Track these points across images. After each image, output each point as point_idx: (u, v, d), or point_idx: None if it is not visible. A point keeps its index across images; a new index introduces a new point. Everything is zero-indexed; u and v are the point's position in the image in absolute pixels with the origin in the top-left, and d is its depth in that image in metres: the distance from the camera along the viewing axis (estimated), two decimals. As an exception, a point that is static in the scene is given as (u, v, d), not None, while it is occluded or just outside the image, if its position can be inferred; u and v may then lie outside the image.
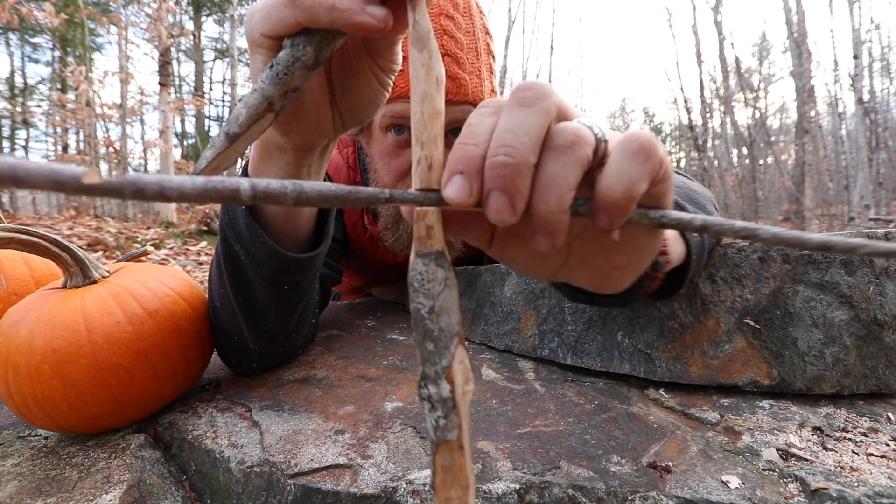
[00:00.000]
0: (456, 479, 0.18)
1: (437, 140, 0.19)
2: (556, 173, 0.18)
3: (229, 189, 0.15)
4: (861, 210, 6.38)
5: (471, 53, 0.56)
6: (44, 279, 0.57)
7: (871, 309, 0.39)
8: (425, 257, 0.20)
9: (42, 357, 0.35)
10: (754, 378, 0.41)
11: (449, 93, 0.54)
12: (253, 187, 0.15)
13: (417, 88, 0.20)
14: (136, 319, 0.39)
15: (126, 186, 0.14)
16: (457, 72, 0.54)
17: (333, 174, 0.67)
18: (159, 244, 3.47)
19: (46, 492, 0.32)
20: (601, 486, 0.30)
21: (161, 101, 5.29)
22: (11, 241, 0.37)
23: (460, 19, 0.56)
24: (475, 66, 0.56)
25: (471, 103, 0.56)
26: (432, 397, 0.18)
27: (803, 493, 0.29)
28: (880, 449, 0.34)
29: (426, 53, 0.20)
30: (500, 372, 0.49)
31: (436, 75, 0.20)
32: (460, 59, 0.54)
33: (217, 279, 0.43)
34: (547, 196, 0.17)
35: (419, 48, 0.20)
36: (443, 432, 0.18)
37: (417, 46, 0.20)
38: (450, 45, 0.54)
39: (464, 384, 0.19)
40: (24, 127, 9.11)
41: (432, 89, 0.19)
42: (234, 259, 0.39)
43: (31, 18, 4.63)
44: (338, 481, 0.31)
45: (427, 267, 0.19)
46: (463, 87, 0.55)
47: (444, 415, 0.18)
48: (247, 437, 0.37)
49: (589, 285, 0.24)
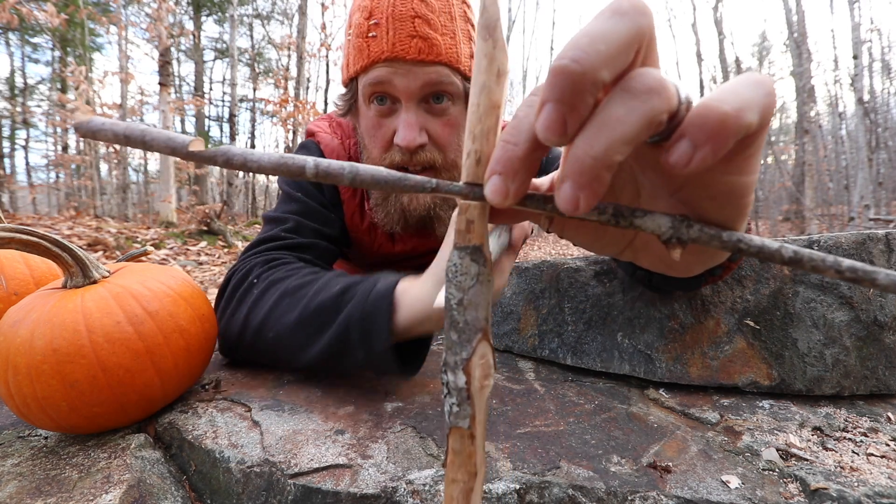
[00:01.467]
0: (464, 464, 0.19)
1: (489, 134, 0.18)
2: (617, 116, 0.14)
3: (297, 165, 0.17)
4: (861, 210, 6.38)
5: (443, 16, 0.56)
6: (44, 279, 0.57)
7: (871, 310, 0.40)
8: (462, 250, 0.20)
9: (42, 357, 0.35)
10: (754, 379, 0.41)
11: (420, 52, 0.53)
12: (316, 165, 0.17)
13: (478, 79, 0.18)
14: (136, 319, 0.39)
15: (219, 156, 0.17)
16: (427, 32, 0.54)
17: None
18: (159, 244, 3.47)
19: (46, 492, 0.32)
20: (601, 486, 0.30)
21: (161, 101, 5.29)
22: (12, 241, 0.37)
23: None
24: (448, 29, 0.56)
25: (445, 64, 0.55)
26: (449, 384, 0.19)
27: (803, 493, 0.29)
28: (880, 449, 0.34)
29: (491, 43, 0.18)
30: (500, 372, 0.49)
31: (498, 66, 0.18)
32: (431, 21, 0.54)
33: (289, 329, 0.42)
34: (594, 137, 0.14)
35: (485, 37, 0.18)
36: (455, 418, 0.19)
37: (483, 35, 0.19)
38: (420, 7, 0.54)
39: (482, 378, 0.19)
40: (24, 127, 9.11)
41: (492, 81, 0.18)
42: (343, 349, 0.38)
43: (32, 18, 4.63)
44: (338, 481, 0.31)
45: (462, 260, 0.20)
46: (435, 46, 0.54)
47: (458, 403, 0.19)
48: (247, 436, 0.37)
49: (654, 268, 0.23)
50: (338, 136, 0.69)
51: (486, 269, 0.20)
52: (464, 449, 0.19)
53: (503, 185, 0.17)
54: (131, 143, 0.17)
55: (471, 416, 0.19)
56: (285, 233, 0.58)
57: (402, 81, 0.54)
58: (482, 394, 0.20)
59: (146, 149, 0.17)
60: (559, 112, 0.14)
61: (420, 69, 0.54)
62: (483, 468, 0.20)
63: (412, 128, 0.55)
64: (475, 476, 0.19)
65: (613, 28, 0.14)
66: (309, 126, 0.72)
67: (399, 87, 0.55)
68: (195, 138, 0.17)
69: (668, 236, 0.18)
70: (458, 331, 0.19)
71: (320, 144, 0.68)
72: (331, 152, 0.67)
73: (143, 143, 0.17)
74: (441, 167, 0.60)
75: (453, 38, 0.56)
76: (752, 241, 0.17)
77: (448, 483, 0.19)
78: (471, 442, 0.19)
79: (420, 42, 0.53)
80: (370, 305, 0.35)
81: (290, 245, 0.57)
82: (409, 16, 0.54)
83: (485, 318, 0.19)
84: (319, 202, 0.64)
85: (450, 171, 0.61)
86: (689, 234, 0.17)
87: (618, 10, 0.15)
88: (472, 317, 0.19)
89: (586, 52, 0.14)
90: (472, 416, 0.19)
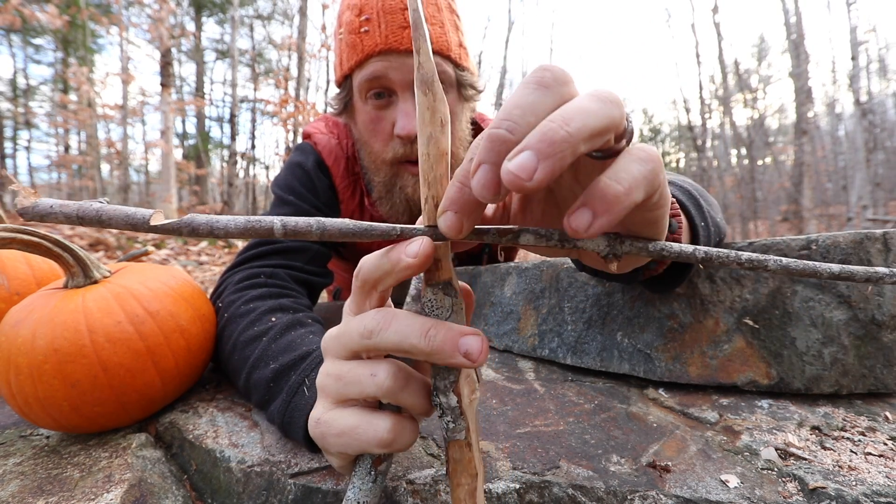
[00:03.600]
0: (465, 469, 0.21)
1: (442, 180, 0.21)
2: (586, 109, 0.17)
3: (265, 227, 0.18)
4: (859, 210, 6.38)
5: (431, 7, 0.57)
6: (45, 279, 0.57)
7: (869, 309, 0.40)
8: (434, 286, 0.22)
9: (44, 357, 0.36)
10: (753, 378, 0.41)
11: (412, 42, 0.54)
12: (284, 225, 0.18)
13: (424, 131, 0.20)
14: (137, 319, 0.39)
15: (183, 226, 0.17)
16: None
17: (332, 165, 0.67)
18: (160, 244, 3.47)
19: (48, 491, 0.32)
20: (601, 486, 0.30)
21: (162, 102, 5.30)
22: (13, 241, 0.37)
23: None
24: (437, 18, 0.57)
25: (436, 53, 0.56)
26: (443, 405, 0.21)
27: (802, 493, 0.29)
28: (878, 448, 0.34)
29: (430, 96, 0.20)
30: (500, 372, 0.49)
31: (440, 117, 0.20)
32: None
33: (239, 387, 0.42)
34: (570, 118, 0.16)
35: (424, 91, 0.20)
36: (452, 433, 0.21)
37: (423, 90, 0.21)
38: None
39: (470, 394, 0.22)
40: (26, 128, 9.13)
41: (437, 131, 0.20)
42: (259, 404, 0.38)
43: (34, 20, 4.64)
44: (338, 481, 0.31)
45: (436, 295, 0.22)
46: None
47: (453, 420, 0.21)
48: (247, 436, 0.37)
49: (596, 266, 0.25)
50: (335, 136, 0.69)
51: (459, 298, 0.22)
52: (463, 457, 0.21)
53: (458, 220, 0.19)
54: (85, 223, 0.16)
55: (465, 428, 0.21)
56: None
57: (398, 73, 0.55)
58: (472, 407, 0.22)
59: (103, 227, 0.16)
60: (494, 173, 0.17)
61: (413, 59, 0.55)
62: (482, 468, 0.22)
63: (410, 117, 0.55)
64: (476, 477, 0.21)
65: (541, 100, 0.18)
66: (305, 128, 0.72)
67: (395, 79, 0.55)
68: (155, 211, 0.17)
69: (605, 253, 0.21)
70: None
71: (317, 146, 0.68)
72: (328, 153, 0.67)
73: (99, 222, 0.16)
74: None
75: (442, 28, 0.57)
76: (672, 248, 0.21)
77: (454, 487, 0.21)
78: (468, 450, 0.21)
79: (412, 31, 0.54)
80: (289, 416, 0.34)
81: (280, 249, 0.57)
82: (399, 8, 0.55)
83: None
84: (312, 205, 0.64)
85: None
86: (622, 249, 0.21)
87: (542, 83, 0.18)
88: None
89: (518, 123, 0.17)
90: (467, 428, 0.21)
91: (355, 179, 0.68)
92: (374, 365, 0.23)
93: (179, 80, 10.62)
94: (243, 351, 0.42)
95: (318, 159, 0.67)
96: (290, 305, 0.48)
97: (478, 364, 0.20)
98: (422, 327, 0.21)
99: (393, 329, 0.21)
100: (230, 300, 0.49)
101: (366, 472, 0.23)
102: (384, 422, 0.22)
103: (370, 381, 0.22)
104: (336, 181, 0.67)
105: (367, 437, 0.22)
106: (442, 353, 0.21)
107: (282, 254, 0.57)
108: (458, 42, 0.59)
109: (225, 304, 0.49)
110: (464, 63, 0.60)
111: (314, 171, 0.66)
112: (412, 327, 0.21)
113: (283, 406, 0.35)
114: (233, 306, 0.48)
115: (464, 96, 0.62)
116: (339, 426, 0.23)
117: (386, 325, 0.22)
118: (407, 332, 0.21)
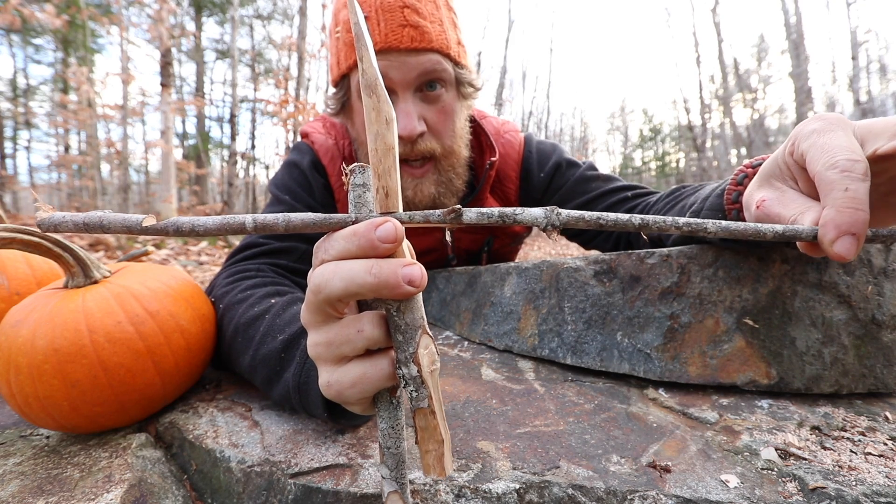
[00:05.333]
0: (432, 435, 0.23)
1: (391, 171, 0.23)
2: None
3: (238, 223, 0.21)
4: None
5: (430, 5, 0.57)
6: (45, 279, 0.57)
7: (869, 308, 0.40)
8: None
9: (44, 357, 0.36)
10: (753, 377, 0.41)
11: (413, 41, 0.54)
12: (254, 220, 0.21)
13: (371, 129, 0.23)
14: (137, 319, 0.39)
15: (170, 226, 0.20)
16: (417, 20, 0.54)
17: (328, 164, 0.67)
18: (160, 244, 3.47)
19: (48, 490, 0.32)
20: (601, 486, 0.30)
21: (162, 102, 5.30)
22: (13, 241, 0.37)
23: None
24: (436, 16, 0.57)
25: (436, 51, 0.56)
26: (405, 376, 0.23)
27: (802, 493, 0.29)
28: (878, 448, 0.34)
29: (375, 98, 0.23)
30: (500, 372, 0.49)
31: (385, 116, 0.23)
32: (419, 10, 0.55)
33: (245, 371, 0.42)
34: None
35: (369, 94, 0.23)
36: (416, 402, 0.23)
37: (367, 92, 0.23)
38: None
39: (430, 365, 0.23)
40: (26, 128, 9.13)
41: (383, 128, 0.23)
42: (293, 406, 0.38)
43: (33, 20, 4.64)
44: (338, 481, 0.31)
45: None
46: (426, 34, 0.55)
47: (416, 388, 0.23)
48: (247, 436, 0.37)
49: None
50: (332, 136, 0.69)
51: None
52: (429, 424, 0.23)
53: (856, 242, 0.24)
54: (90, 230, 0.20)
55: (428, 396, 0.23)
56: (263, 238, 0.59)
57: (398, 73, 0.55)
58: (433, 377, 0.23)
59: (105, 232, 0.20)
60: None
61: (414, 58, 0.54)
62: (447, 435, 0.24)
63: (410, 117, 0.55)
64: (443, 443, 0.23)
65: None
66: (303, 128, 0.73)
67: (395, 78, 0.55)
68: (147, 216, 0.20)
69: (543, 225, 0.22)
70: (402, 332, 0.23)
71: (314, 145, 0.68)
72: (325, 152, 0.67)
73: (101, 228, 0.19)
74: (440, 155, 0.60)
75: (441, 26, 0.57)
76: (608, 217, 0.23)
77: (423, 454, 0.23)
78: (433, 417, 0.23)
79: (412, 31, 0.54)
80: (304, 376, 0.35)
81: (267, 251, 0.58)
82: (398, 6, 0.54)
83: (421, 317, 0.24)
84: (307, 204, 0.64)
85: (448, 158, 0.61)
86: (559, 219, 0.22)
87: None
88: (411, 318, 0.23)
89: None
90: (429, 396, 0.23)
91: None
92: (357, 321, 0.24)
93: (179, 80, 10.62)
94: (247, 331, 0.42)
95: (314, 159, 0.67)
96: (286, 290, 0.49)
97: (420, 288, 0.22)
98: (364, 266, 0.22)
99: (339, 276, 0.23)
100: (224, 291, 0.49)
101: (387, 403, 0.25)
102: (384, 360, 0.24)
103: (359, 337, 0.24)
104: (332, 180, 0.67)
105: (376, 378, 0.24)
106: (388, 285, 0.22)
107: (268, 254, 0.58)
108: (457, 40, 0.59)
109: (219, 296, 0.49)
110: (462, 61, 0.60)
111: (310, 171, 0.66)
112: (355, 269, 0.22)
113: (298, 369, 0.36)
114: (228, 295, 0.48)
115: (462, 94, 0.62)
116: (349, 379, 0.25)
117: (332, 275, 0.23)
118: (352, 275, 0.22)
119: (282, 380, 0.37)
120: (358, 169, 0.23)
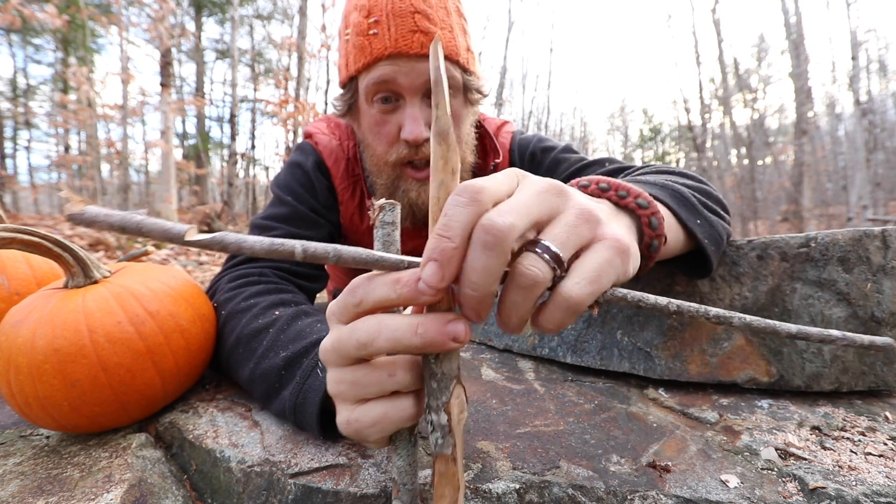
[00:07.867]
0: (449, 481, 0.23)
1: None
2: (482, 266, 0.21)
3: (287, 250, 0.20)
4: (859, 210, 6.38)
5: (440, 11, 0.57)
6: (45, 279, 0.57)
7: (868, 306, 0.40)
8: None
9: (44, 357, 0.36)
10: (753, 375, 0.41)
11: (423, 47, 0.54)
12: (304, 249, 0.20)
13: (436, 177, 0.23)
14: (137, 319, 0.39)
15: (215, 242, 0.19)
16: (428, 26, 0.55)
17: (332, 166, 0.67)
18: (160, 244, 3.47)
19: (48, 491, 0.32)
20: (601, 486, 0.30)
21: (162, 102, 5.30)
22: (13, 241, 0.37)
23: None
24: (446, 23, 0.57)
25: (445, 58, 0.56)
26: (433, 423, 0.23)
27: (802, 493, 0.29)
28: (878, 448, 0.34)
29: (445, 146, 0.22)
30: (500, 372, 0.49)
31: (452, 166, 0.23)
32: (430, 16, 0.55)
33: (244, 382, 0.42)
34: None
35: (440, 142, 0.22)
36: (440, 448, 0.23)
37: (438, 140, 0.22)
38: (418, 3, 0.55)
39: (459, 413, 0.24)
40: (26, 128, 9.13)
41: (448, 178, 0.23)
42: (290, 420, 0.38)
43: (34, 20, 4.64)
44: (338, 481, 0.31)
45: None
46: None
47: (442, 436, 0.23)
48: (247, 436, 0.37)
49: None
50: (336, 137, 0.69)
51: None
52: (448, 471, 0.23)
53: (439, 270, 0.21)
54: (127, 232, 0.18)
55: (453, 444, 0.23)
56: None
57: (406, 78, 0.55)
58: (460, 426, 0.24)
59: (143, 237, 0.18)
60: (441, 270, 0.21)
61: (423, 64, 0.55)
62: (463, 483, 0.24)
63: (417, 122, 0.55)
64: (458, 490, 0.23)
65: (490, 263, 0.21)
66: (306, 128, 0.72)
67: (403, 83, 0.55)
68: (190, 227, 0.19)
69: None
70: (437, 380, 0.23)
71: (318, 146, 0.68)
72: (329, 154, 0.67)
73: (139, 233, 0.18)
74: None
75: (451, 32, 0.57)
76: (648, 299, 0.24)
77: (437, 498, 0.24)
78: (453, 464, 0.23)
79: (422, 37, 0.54)
80: (302, 397, 0.35)
81: None
82: (409, 12, 0.54)
83: (458, 367, 0.24)
84: (310, 206, 0.64)
85: None
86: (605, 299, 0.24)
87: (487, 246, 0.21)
88: (448, 368, 0.23)
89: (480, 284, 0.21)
90: (454, 444, 0.23)
91: (355, 181, 0.67)
92: (391, 366, 0.24)
93: (179, 80, 10.61)
94: (249, 343, 0.42)
95: (317, 160, 0.67)
96: (291, 300, 0.48)
97: (464, 343, 0.23)
98: (410, 326, 0.22)
99: (384, 336, 0.23)
100: (226, 297, 0.49)
101: (406, 441, 0.25)
102: (406, 401, 0.25)
103: (390, 381, 0.24)
104: (335, 182, 0.67)
105: (398, 418, 0.24)
106: (434, 344, 0.22)
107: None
108: (466, 46, 0.59)
109: (221, 302, 0.49)
110: (471, 67, 0.60)
111: (313, 172, 0.66)
112: (402, 329, 0.22)
113: (296, 388, 0.36)
114: (231, 303, 0.48)
115: (469, 100, 0.62)
116: (370, 419, 0.25)
117: (377, 333, 0.23)
118: (398, 336, 0.22)
119: (279, 397, 0.38)
120: (388, 206, 0.23)
